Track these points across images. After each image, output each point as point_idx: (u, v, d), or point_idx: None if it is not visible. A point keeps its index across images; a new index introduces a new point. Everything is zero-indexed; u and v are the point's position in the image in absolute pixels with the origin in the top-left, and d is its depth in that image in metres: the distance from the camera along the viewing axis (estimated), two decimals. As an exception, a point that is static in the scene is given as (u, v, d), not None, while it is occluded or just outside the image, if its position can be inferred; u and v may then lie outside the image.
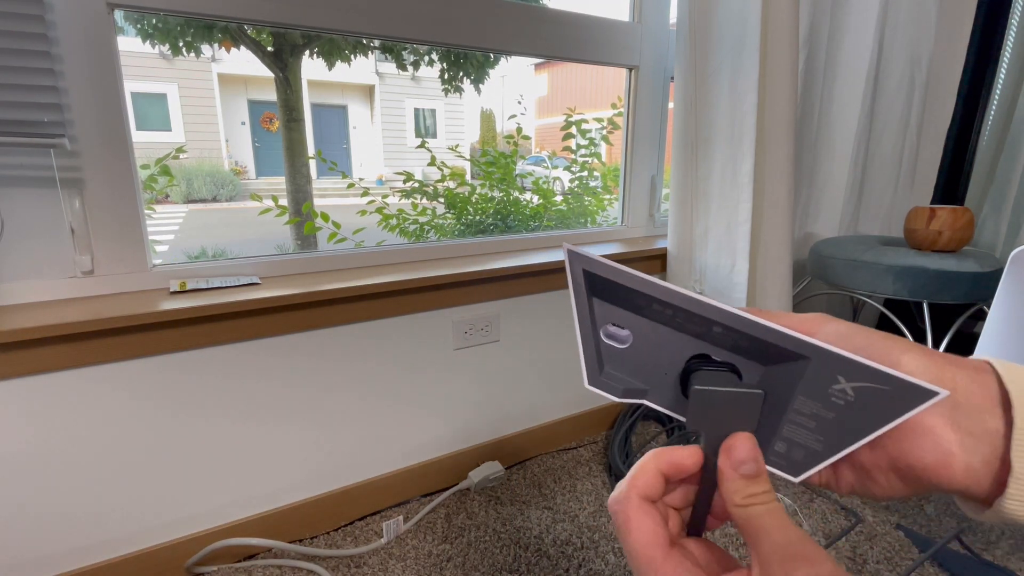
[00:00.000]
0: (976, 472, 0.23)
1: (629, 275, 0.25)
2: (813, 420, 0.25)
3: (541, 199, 2.34)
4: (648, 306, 0.26)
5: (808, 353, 0.24)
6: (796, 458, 0.26)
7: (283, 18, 1.02)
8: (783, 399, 0.25)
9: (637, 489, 0.25)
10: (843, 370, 0.24)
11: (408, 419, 1.22)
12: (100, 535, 0.95)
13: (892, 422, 0.23)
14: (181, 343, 0.95)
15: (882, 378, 0.23)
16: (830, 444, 0.25)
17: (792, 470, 0.26)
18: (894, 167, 1.71)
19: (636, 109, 1.52)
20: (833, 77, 1.59)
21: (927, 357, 0.24)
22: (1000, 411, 0.23)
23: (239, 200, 4.20)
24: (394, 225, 2.04)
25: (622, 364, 0.28)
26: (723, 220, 1.35)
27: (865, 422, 0.24)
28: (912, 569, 1.04)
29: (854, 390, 0.24)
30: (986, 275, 1.20)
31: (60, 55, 0.85)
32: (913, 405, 0.23)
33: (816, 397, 0.24)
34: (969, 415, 0.23)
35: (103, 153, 0.91)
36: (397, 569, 1.05)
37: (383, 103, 4.79)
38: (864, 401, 0.24)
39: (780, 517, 0.23)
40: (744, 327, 0.25)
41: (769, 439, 0.26)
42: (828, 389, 0.24)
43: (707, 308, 0.24)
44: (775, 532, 0.23)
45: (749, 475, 0.24)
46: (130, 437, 0.94)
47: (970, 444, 0.23)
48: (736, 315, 0.24)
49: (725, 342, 0.26)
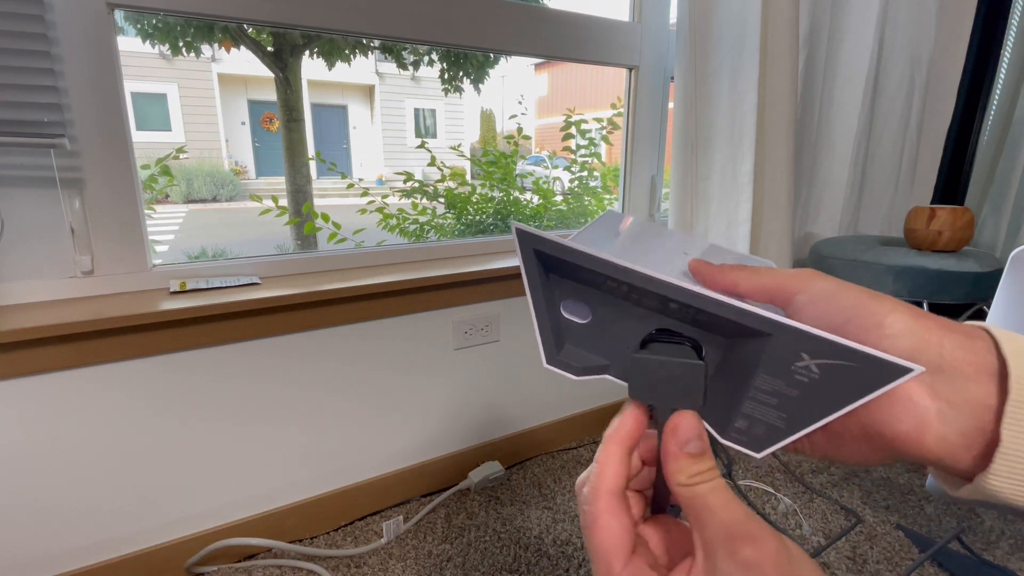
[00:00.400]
0: (951, 443, 0.21)
1: (579, 253, 0.24)
2: (775, 397, 0.24)
3: (541, 199, 2.34)
4: (604, 282, 0.25)
5: (769, 330, 0.22)
6: (757, 434, 0.25)
7: (283, 18, 1.02)
8: (745, 375, 0.24)
9: (606, 486, 0.24)
10: (807, 347, 0.22)
11: (408, 419, 1.22)
12: (100, 535, 0.95)
13: (859, 400, 0.22)
14: (181, 343, 0.95)
15: (849, 354, 0.21)
16: (793, 422, 0.24)
17: (753, 446, 0.25)
18: (894, 167, 1.71)
19: (636, 109, 1.52)
20: (833, 77, 1.59)
21: (914, 319, 0.22)
22: (989, 380, 0.21)
23: (239, 200, 4.20)
24: (394, 225, 2.04)
25: (582, 340, 0.27)
26: (723, 220, 1.35)
27: (831, 400, 0.22)
28: (912, 569, 1.04)
29: (819, 367, 0.22)
30: (986, 275, 1.20)
31: (60, 55, 0.85)
32: (884, 382, 0.21)
33: (778, 374, 0.23)
34: (952, 383, 0.21)
35: (103, 153, 0.91)
36: (397, 569, 1.05)
37: (383, 103, 4.80)
38: (830, 378, 0.22)
39: (724, 494, 0.22)
40: (698, 303, 0.23)
41: (730, 416, 0.25)
42: (791, 366, 0.23)
43: (659, 284, 0.23)
44: (720, 511, 0.22)
45: (694, 454, 0.23)
46: (130, 437, 0.94)
47: (949, 414, 0.21)
48: (688, 291, 0.23)
49: (684, 316, 0.25)
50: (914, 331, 0.22)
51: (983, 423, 0.21)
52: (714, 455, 0.24)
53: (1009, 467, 0.21)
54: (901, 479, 1.33)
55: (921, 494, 1.27)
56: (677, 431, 0.23)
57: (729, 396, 0.25)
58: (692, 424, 0.24)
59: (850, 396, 0.22)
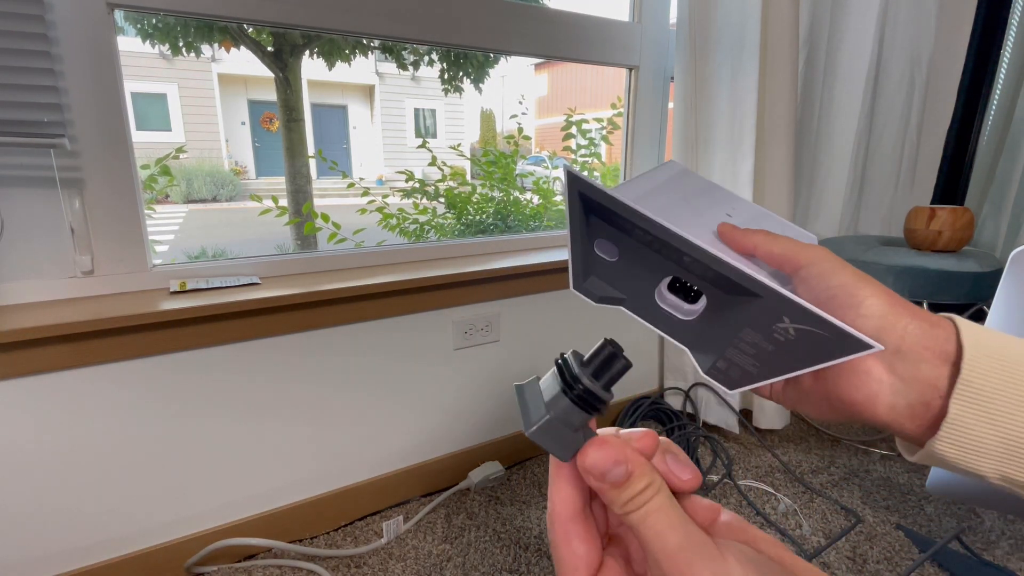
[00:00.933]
0: (898, 413, 0.26)
1: (617, 201, 0.26)
2: (754, 348, 0.27)
3: (541, 199, 2.34)
4: (633, 229, 0.28)
5: (759, 292, 0.25)
6: (733, 376, 0.29)
7: (283, 18, 1.02)
8: (734, 326, 0.28)
9: (557, 513, 0.24)
10: (789, 312, 0.25)
11: (408, 419, 1.22)
12: (100, 535, 0.95)
13: (823, 364, 0.26)
14: (181, 343, 0.95)
15: (823, 324, 0.25)
16: (764, 371, 0.28)
17: (728, 384, 0.29)
18: (894, 167, 1.71)
19: (636, 109, 1.52)
20: (833, 77, 1.59)
21: (888, 305, 0.26)
22: (942, 364, 0.25)
23: (239, 200, 4.19)
24: (394, 225, 2.04)
25: (607, 275, 0.31)
26: (723, 220, 1.35)
27: (801, 359, 0.26)
28: (912, 569, 1.04)
29: (795, 331, 0.26)
30: (986, 275, 1.20)
31: (60, 55, 0.85)
32: (848, 352, 0.25)
33: (760, 330, 0.27)
34: (907, 362, 0.25)
35: (103, 153, 0.91)
36: (397, 569, 1.05)
37: (383, 103, 4.79)
38: (803, 340, 0.26)
39: (666, 517, 0.21)
40: (708, 261, 0.26)
41: (714, 357, 0.29)
42: (772, 325, 0.26)
43: (680, 240, 0.26)
44: (662, 536, 0.21)
45: (618, 483, 0.22)
46: (130, 437, 0.94)
47: (900, 388, 0.25)
48: (703, 250, 0.26)
49: (695, 270, 0.28)
50: (885, 315, 0.26)
51: (928, 399, 0.25)
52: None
53: (954, 435, 0.24)
54: (901, 479, 1.33)
55: (921, 494, 1.27)
56: (590, 470, 0.22)
57: (718, 341, 0.29)
58: (600, 457, 0.22)
59: (817, 359, 0.26)
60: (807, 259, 0.28)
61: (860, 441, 1.47)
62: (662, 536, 0.21)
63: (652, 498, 0.21)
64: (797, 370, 0.27)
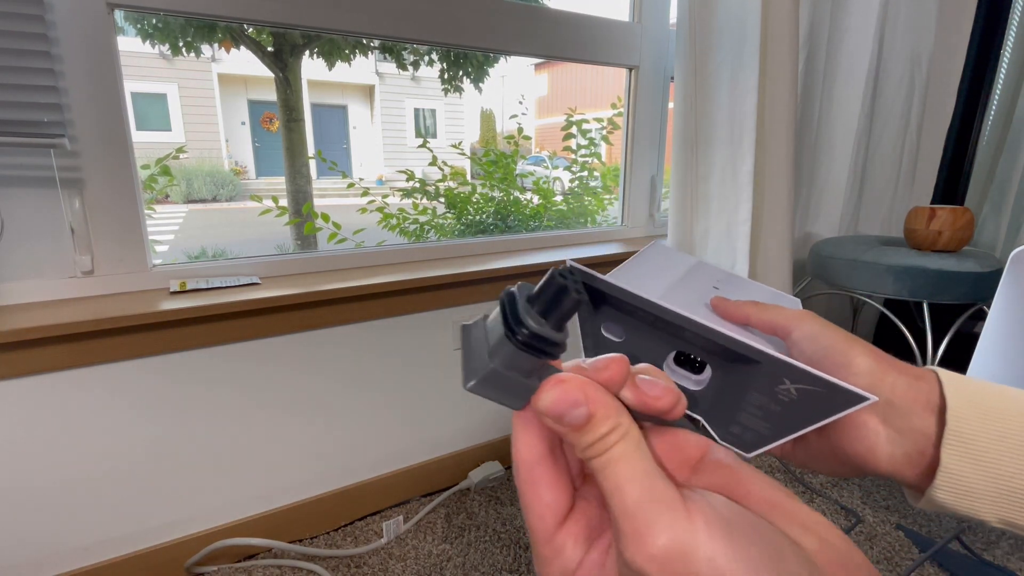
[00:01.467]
0: (897, 462, 0.27)
1: (618, 289, 0.28)
2: (762, 411, 0.29)
3: (541, 199, 2.34)
4: (636, 311, 0.29)
5: (759, 359, 0.27)
6: (748, 439, 0.30)
7: (283, 18, 1.02)
8: (741, 391, 0.29)
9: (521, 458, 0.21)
10: (788, 374, 0.27)
11: (408, 419, 1.22)
12: (100, 535, 0.95)
13: (827, 418, 0.27)
14: (181, 343, 0.95)
15: (820, 383, 0.26)
16: (775, 431, 0.29)
17: (745, 448, 0.31)
18: (894, 167, 1.71)
19: (636, 109, 1.52)
20: (833, 77, 1.59)
21: (876, 362, 0.28)
22: (929, 415, 0.27)
23: (239, 200, 4.19)
24: (394, 225, 2.04)
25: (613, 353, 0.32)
26: (723, 220, 1.35)
27: (806, 416, 0.28)
28: (912, 569, 1.04)
29: (797, 391, 0.27)
30: (986, 275, 1.20)
31: (60, 55, 0.85)
32: (846, 406, 0.27)
33: (765, 393, 0.28)
34: (900, 415, 0.27)
35: (103, 153, 0.91)
36: (397, 569, 1.05)
37: (383, 103, 4.79)
38: (805, 400, 0.27)
39: (629, 466, 0.18)
40: (708, 335, 0.28)
41: (729, 422, 0.30)
42: (775, 388, 0.28)
43: (680, 318, 0.28)
44: (624, 488, 0.18)
45: (578, 425, 0.19)
46: (130, 437, 0.94)
47: (896, 439, 0.27)
48: (701, 324, 0.27)
49: (697, 343, 0.29)
50: (873, 372, 0.28)
51: (922, 448, 0.27)
52: None
53: (949, 483, 0.26)
54: (901, 479, 1.33)
55: (921, 494, 1.27)
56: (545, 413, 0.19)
57: (728, 407, 0.30)
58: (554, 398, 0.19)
59: (820, 415, 0.27)
60: (797, 324, 0.30)
61: (860, 441, 1.47)
62: (620, 490, 0.18)
63: (615, 444, 0.18)
64: (805, 427, 0.28)
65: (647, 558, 0.17)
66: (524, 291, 0.20)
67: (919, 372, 0.28)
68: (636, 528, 0.17)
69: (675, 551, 0.17)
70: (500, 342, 0.19)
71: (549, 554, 0.20)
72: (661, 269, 0.37)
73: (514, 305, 0.19)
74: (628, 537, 0.17)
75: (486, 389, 0.19)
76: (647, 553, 0.17)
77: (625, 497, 0.18)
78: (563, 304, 0.19)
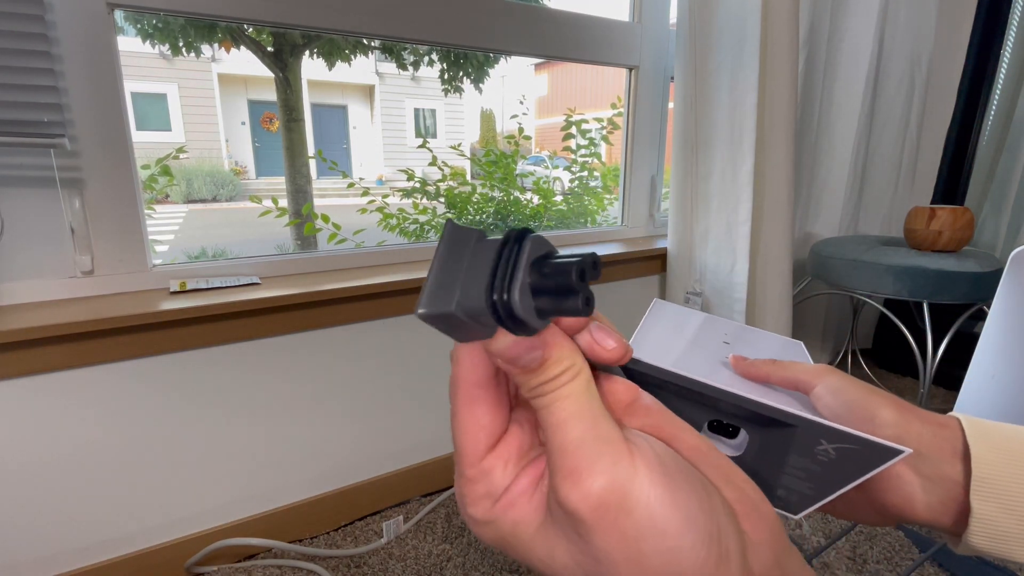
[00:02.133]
0: (934, 510, 0.28)
1: (652, 367, 0.28)
2: (804, 472, 0.30)
3: (541, 199, 2.34)
4: (664, 385, 0.30)
5: (795, 423, 0.28)
6: (793, 500, 0.31)
7: (283, 18, 1.02)
8: (780, 455, 0.30)
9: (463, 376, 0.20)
10: (825, 435, 0.28)
11: (408, 419, 1.22)
12: (100, 535, 0.95)
13: (867, 474, 0.28)
14: (181, 343, 0.95)
15: (856, 441, 0.27)
16: (819, 491, 0.30)
17: (790, 510, 0.31)
18: (894, 167, 1.71)
19: (636, 109, 1.52)
20: (833, 77, 1.59)
21: (900, 412, 0.29)
22: (957, 461, 0.28)
23: (239, 200, 4.19)
24: (394, 225, 2.04)
25: None
26: (723, 220, 1.35)
27: (846, 474, 0.28)
28: (912, 569, 1.04)
29: (835, 450, 0.28)
30: (986, 275, 1.20)
31: (60, 55, 0.85)
32: (883, 461, 0.27)
33: (805, 455, 0.29)
34: (930, 463, 0.28)
35: (103, 153, 0.91)
36: (397, 569, 1.05)
37: (383, 103, 4.80)
38: (843, 458, 0.28)
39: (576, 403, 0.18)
40: (743, 403, 0.29)
41: (773, 487, 0.31)
42: (814, 449, 0.28)
43: (713, 390, 0.28)
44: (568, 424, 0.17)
45: (530, 368, 0.18)
46: (130, 437, 0.94)
47: (929, 487, 0.28)
48: (735, 395, 0.28)
49: (730, 411, 0.30)
50: (899, 423, 0.29)
51: (955, 494, 0.27)
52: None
53: (983, 529, 0.26)
54: (901, 479, 1.33)
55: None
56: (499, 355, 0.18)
57: (771, 471, 0.31)
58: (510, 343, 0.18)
59: (860, 471, 0.28)
60: (818, 379, 0.31)
61: (860, 441, 1.47)
62: (563, 425, 0.17)
63: (566, 384, 0.18)
64: (847, 485, 0.29)
65: (581, 497, 0.16)
66: (537, 246, 0.17)
67: (942, 420, 0.29)
68: (575, 465, 0.17)
69: (613, 493, 0.16)
70: (475, 289, 0.17)
71: (475, 475, 0.20)
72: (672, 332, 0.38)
73: (515, 258, 0.17)
74: (564, 474, 0.17)
75: (436, 323, 0.18)
76: (583, 492, 0.16)
77: (567, 433, 0.17)
78: (564, 301, 0.16)
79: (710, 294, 1.42)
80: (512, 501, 0.19)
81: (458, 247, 0.18)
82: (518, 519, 0.19)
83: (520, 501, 0.19)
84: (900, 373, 1.83)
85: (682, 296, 1.47)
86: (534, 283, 0.16)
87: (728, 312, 1.37)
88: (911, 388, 1.74)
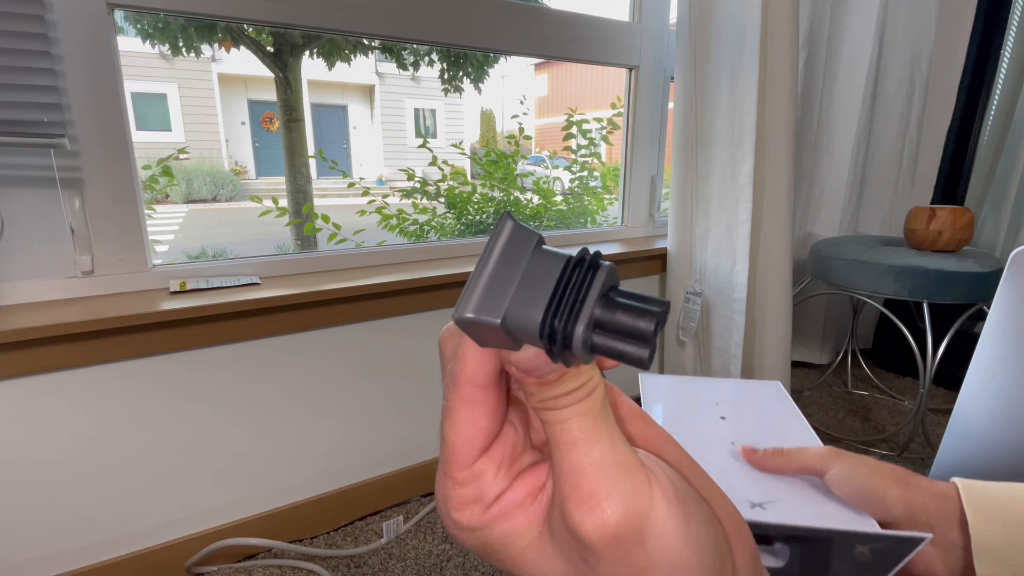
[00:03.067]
0: (956, 571, 0.32)
1: None
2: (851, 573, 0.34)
3: (541, 199, 2.34)
4: None
5: (832, 536, 0.33)
6: None
7: (283, 18, 1.02)
8: (822, 564, 0.34)
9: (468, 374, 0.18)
10: (859, 540, 0.33)
11: (408, 419, 1.22)
12: (100, 535, 0.95)
13: (901, 563, 0.33)
14: (181, 343, 0.95)
15: (886, 540, 0.32)
16: None
17: None
18: (894, 167, 1.71)
19: (636, 109, 1.52)
20: (833, 77, 1.59)
21: (905, 490, 0.34)
22: (962, 529, 0.31)
23: (239, 200, 4.20)
24: (394, 225, 2.04)
25: None
26: (723, 220, 1.35)
27: (883, 567, 0.33)
28: (912, 569, 1.04)
29: (870, 551, 0.33)
30: (986, 275, 1.20)
31: (60, 55, 0.85)
32: (911, 549, 0.32)
33: (845, 560, 0.34)
34: (937, 533, 0.33)
35: (103, 153, 0.91)
36: (397, 569, 1.05)
37: (383, 103, 4.80)
38: (878, 554, 0.33)
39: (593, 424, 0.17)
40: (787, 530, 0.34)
41: None
42: (852, 552, 0.33)
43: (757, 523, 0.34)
44: (583, 445, 0.16)
45: (546, 381, 0.17)
46: (130, 437, 0.94)
47: (944, 555, 0.33)
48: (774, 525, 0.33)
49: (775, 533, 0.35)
50: (906, 501, 0.33)
51: (968, 560, 0.31)
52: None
53: None
54: (901, 479, 1.33)
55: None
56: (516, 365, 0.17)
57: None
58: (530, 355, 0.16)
59: (894, 562, 0.33)
60: (827, 465, 0.36)
61: (860, 441, 1.47)
62: (579, 445, 0.16)
63: (583, 400, 0.17)
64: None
65: (597, 525, 0.15)
66: (610, 277, 0.16)
67: (942, 490, 0.33)
68: (591, 491, 0.16)
69: (630, 524, 0.15)
70: (530, 307, 0.15)
71: (465, 479, 0.18)
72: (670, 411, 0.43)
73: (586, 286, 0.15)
74: (579, 499, 0.16)
75: (471, 329, 0.16)
76: (598, 520, 0.15)
77: (584, 455, 0.16)
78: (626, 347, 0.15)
79: (710, 294, 1.42)
80: (506, 511, 0.18)
81: (515, 249, 0.16)
82: (511, 531, 0.18)
83: (515, 512, 0.18)
84: (900, 373, 1.83)
85: (682, 296, 1.47)
86: (599, 318, 0.15)
87: (728, 312, 1.37)
88: (911, 388, 1.73)
